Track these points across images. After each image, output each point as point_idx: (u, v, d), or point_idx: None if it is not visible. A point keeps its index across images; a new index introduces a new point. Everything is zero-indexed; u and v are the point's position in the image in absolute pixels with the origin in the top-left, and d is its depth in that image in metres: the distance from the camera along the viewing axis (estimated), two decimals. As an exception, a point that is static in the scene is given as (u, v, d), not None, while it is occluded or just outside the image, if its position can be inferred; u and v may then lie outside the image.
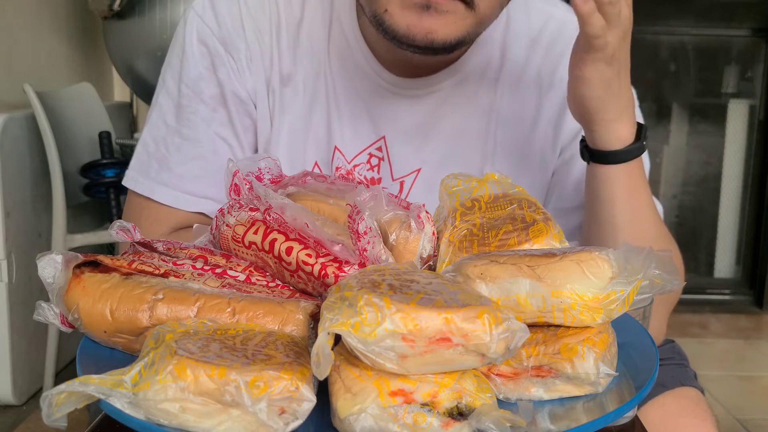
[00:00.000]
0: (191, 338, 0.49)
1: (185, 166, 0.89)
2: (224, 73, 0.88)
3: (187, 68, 0.89)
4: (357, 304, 0.46)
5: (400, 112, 0.90)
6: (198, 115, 0.89)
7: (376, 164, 0.91)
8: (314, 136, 0.90)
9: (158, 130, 0.90)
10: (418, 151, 0.91)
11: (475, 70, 0.91)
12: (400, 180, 0.91)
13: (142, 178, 0.90)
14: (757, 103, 3.24)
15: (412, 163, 0.91)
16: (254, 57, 0.88)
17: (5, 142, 2.02)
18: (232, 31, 0.87)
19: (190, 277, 0.60)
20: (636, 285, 0.52)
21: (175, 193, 0.89)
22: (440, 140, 0.91)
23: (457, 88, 0.90)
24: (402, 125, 0.90)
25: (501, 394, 0.52)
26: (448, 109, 0.91)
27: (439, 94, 0.90)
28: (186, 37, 0.89)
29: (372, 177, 0.91)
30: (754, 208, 3.27)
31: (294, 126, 0.90)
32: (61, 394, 0.45)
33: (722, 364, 2.67)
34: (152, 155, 0.90)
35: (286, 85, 0.89)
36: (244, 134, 0.90)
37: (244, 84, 0.88)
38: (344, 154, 0.90)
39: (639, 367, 0.55)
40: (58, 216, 2.09)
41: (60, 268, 0.57)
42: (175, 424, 0.45)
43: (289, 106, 0.89)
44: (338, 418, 0.46)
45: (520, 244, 0.58)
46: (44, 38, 2.60)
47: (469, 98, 0.91)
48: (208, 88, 0.88)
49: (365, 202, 0.60)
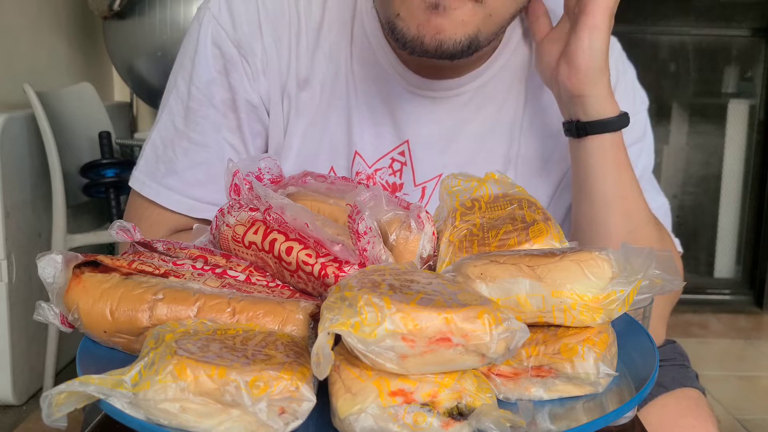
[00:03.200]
0: (191, 338, 0.49)
1: (192, 171, 0.87)
2: (237, 78, 0.85)
3: (199, 71, 0.86)
4: (357, 304, 0.46)
5: (424, 115, 0.88)
6: (208, 120, 0.87)
7: (398, 169, 0.89)
8: (330, 141, 0.88)
9: (167, 132, 0.88)
10: (441, 155, 0.89)
11: (501, 73, 0.89)
12: (422, 186, 0.89)
13: (149, 180, 0.89)
14: (757, 103, 3.25)
15: (435, 168, 0.89)
16: (270, 62, 0.85)
17: (5, 142, 2.02)
18: (249, 34, 0.84)
19: (190, 277, 0.60)
20: (636, 285, 0.52)
21: (181, 198, 0.87)
22: (464, 145, 0.89)
23: (482, 92, 0.89)
24: (426, 129, 0.88)
25: (501, 394, 0.52)
26: (473, 113, 0.89)
27: (463, 97, 0.88)
28: (200, 39, 0.86)
29: (394, 182, 0.89)
30: (754, 208, 3.27)
31: (308, 131, 0.88)
32: (61, 394, 0.45)
33: (722, 364, 2.67)
34: (160, 158, 0.88)
35: (303, 89, 0.86)
36: (252, 140, 0.88)
37: (258, 89, 0.86)
38: (365, 159, 0.88)
39: (639, 367, 0.55)
40: (58, 216, 2.09)
41: (60, 268, 0.57)
42: (175, 424, 0.45)
43: (305, 110, 0.87)
44: (338, 418, 0.46)
45: (520, 244, 0.58)
46: (44, 38, 2.60)
47: (495, 102, 0.90)
48: (219, 92, 0.86)
49: (365, 202, 0.60)
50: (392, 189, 0.89)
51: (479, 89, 0.89)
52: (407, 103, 0.87)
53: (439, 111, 0.88)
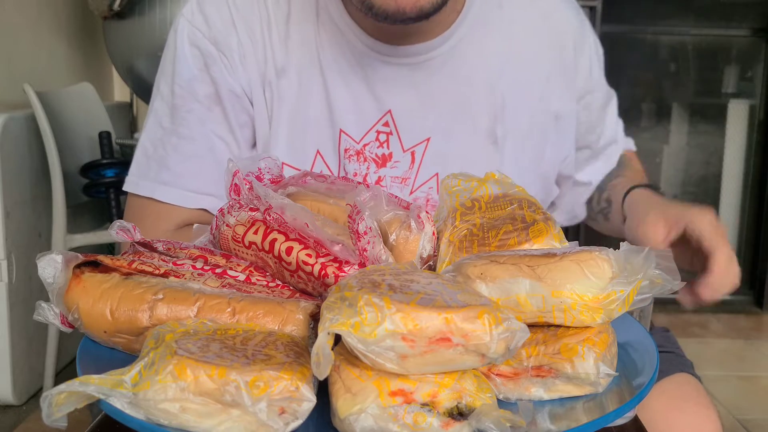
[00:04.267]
0: (191, 338, 0.49)
1: (183, 164, 0.90)
2: (217, 71, 0.89)
3: (180, 71, 0.90)
4: (357, 304, 0.46)
5: (401, 82, 0.90)
6: (193, 114, 0.90)
7: (384, 140, 0.91)
8: (315, 125, 0.91)
9: (155, 133, 0.91)
10: (424, 119, 0.91)
11: (471, 32, 0.91)
12: (411, 150, 0.92)
13: (142, 180, 0.91)
14: (757, 103, 3.24)
15: (421, 132, 0.91)
16: (247, 53, 0.89)
17: (5, 142, 2.02)
18: (223, 31, 0.89)
19: (190, 277, 0.60)
20: (636, 285, 0.52)
21: (176, 190, 0.90)
22: (446, 106, 0.91)
23: (455, 52, 0.91)
24: (405, 96, 0.90)
25: (501, 394, 0.52)
26: (449, 75, 0.91)
27: (437, 60, 0.90)
28: (177, 42, 0.90)
29: (383, 154, 0.92)
30: (754, 208, 3.27)
31: (292, 118, 0.91)
32: (61, 394, 0.45)
33: (722, 364, 2.66)
34: (151, 158, 0.91)
35: (281, 77, 0.90)
36: (240, 131, 0.91)
37: (239, 80, 0.89)
38: (351, 136, 0.90)
39: (639, 367, 0.55)
40: (58, 216, 2.09)
41: (60, 268, 0.57)
42: (175, 424, 0.45)
43: (286, 97, 0.90)
44: (338, 418, 0.46)
45: (520, 244, 0.58)
46: (44, 38, 2.60)
47: (470, 59, 0.91)
48: (202, 87, 0.89)
49: (365, 202, 0.60)
50: (382, 160, 0.92)
51: (452, 50, 0.90)
52: (383, 73, 0.90)
53: (415, 76, 0.90)
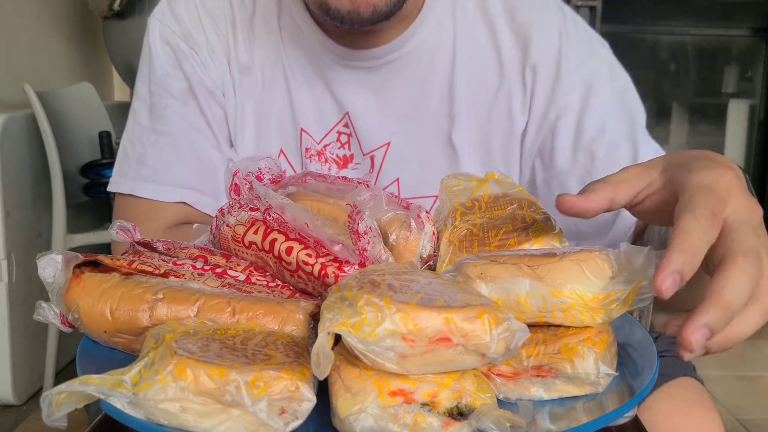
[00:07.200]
0: (191, 338, 0.49)
1: (162, 159, 0.91)
2: (189, 67, 0.91)
3: (155, 68, 0.92)
4: (357, 304, 0.46)
5: (359, 85, 0.91)
6: (170, 110, 0.92)
7: (345, 141, 0.93)
8: (278, 123, 0.93)
9: (134, 132, 0.93)
10: (383, 123, 0.92)
11: (429, 37, 0.91)
12: (371, 155, 0.92)
13: (123, 179, 0.92)
14: (757, 103, 3.25)
15: (380, 136, 0.92)
16: (215, 50, 0.92)
17: (5, 142, 2.02)
18: (192, 28, 0.92)
19: (190, 277, 0.60)
20: (636, 285, 0.51)
21: (155, 185, 0.91)
22: (405, 110, 0.92)
23: (411, 57, 0.91)
24: (363, 99, 0.91)
25: (501, 394, 0.52)
26: (407, 77, 0.91)
27: (395, 63, 0.90)
28: (150, 42, 0.93)
29: (345, 155, 0.93)
30: (754, 208, 3.26)
31: (257, 116, 0.93)
32: (61, 394, 0.45)
33: (722, 364, 2.66)
34: (130, 156, 0.93)
35: (246, 75, 0.92)
36: (216, 124, 0.93)
37: (210, 75, 0.92)
38: (312, 136, 0.92)
39: (639, 367, 0.55)
40: (58, 216, 2.09)
41: (60, 267, 0.57)
42: (175, 424, 0.45)
43: (250, 95, 0.93)
44: (338, 418, 0.46)
45: (520, 244, 0.58)
46: (44, 38, 2.60)
47: (426, 63, 0.91)
48: (176, 83, 0.91)
49: (365, 202, 0.60)
50: (343, 161, 0.93)
51: (409, 54, 0.91)
52: (341, 76, 0.91)
53: (373, 80, 0.91)
